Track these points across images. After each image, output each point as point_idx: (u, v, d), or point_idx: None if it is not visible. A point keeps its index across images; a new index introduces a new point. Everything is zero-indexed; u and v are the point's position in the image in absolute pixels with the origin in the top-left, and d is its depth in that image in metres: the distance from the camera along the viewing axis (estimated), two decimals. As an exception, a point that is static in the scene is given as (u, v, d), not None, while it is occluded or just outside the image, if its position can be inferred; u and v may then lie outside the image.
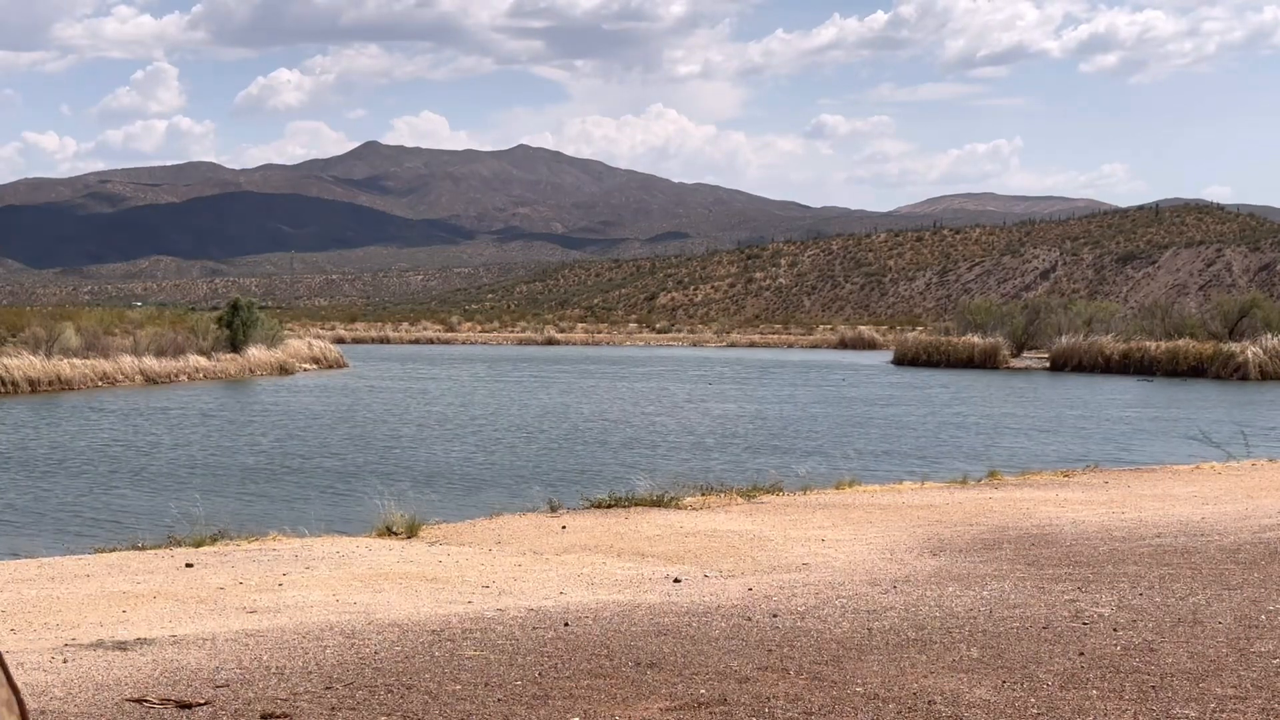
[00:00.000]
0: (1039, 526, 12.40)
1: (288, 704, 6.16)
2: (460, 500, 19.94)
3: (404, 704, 6.15)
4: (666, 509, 14.09)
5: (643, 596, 9.12)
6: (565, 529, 12.74)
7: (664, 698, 6.25)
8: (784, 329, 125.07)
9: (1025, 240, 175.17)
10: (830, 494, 15.54)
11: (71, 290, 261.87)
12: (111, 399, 41.64)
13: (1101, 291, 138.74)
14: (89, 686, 6.52)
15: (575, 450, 28.12)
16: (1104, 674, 6.60)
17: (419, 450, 28.22)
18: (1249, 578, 9.36)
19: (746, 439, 30.53)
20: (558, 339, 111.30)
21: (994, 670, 6.69)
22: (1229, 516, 12.93)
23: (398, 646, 7.33)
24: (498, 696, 6.27)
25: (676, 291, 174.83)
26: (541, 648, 7.28)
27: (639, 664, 6.88)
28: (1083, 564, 10.09)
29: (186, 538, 12.23)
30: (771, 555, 11.13)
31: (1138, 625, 7.73)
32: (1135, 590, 8.89)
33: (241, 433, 31.53)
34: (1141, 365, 58.45)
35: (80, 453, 27.37)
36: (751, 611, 8.33)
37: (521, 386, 51.31)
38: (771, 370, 64.54)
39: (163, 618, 8.60)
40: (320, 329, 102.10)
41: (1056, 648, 7.18)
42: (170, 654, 7.24)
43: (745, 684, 6.48)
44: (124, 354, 49.34)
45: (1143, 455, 26.42)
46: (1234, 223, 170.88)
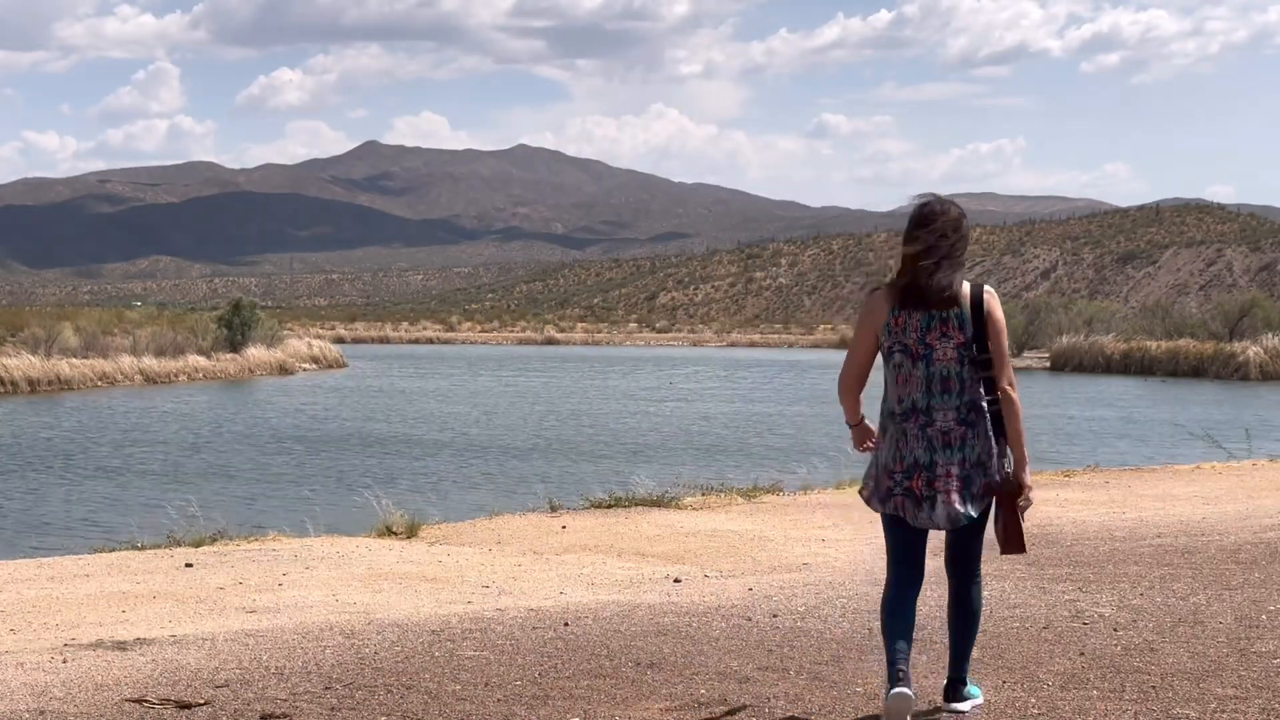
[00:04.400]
0: (1039, 526, 12.40)
1: (287, 704, 6.16)
2: (460, 500, 19.95)
3: (404, 704, 6.15)
4: (666, 509, 14.09)
5: (643, 596, 9.12)
6: (565, 529, 12.74)
7: (664, 698, 6.25)
8: (784, 329, 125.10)
9: (1025, 240, 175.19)
10: (831, 494, 15.55)
11: (71, 290, 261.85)
12: (111, 399, 41.63)
13: (1102, 291, 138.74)
14: (88, 686, 6.52)
15: (575, 450, 28.12)
16: (1104, 674, 6.60)
17: (418, 450, 28.22)
18: (1249, 578, 9.36)
19: (747, 439, 30.54)
20: (558, 339, 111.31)
21: (994, 670, 6.69)
22: (1230, 516, 12.94)
23: (397, 646, 7.34)
24: (497, 696, 6.27)
25: (676, 291, 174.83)
26: (541, 648, 7.28)
27: (639, 664, 6.88)
28: (1083, 564, 10.09)
29: (186, 538, 12.23)
30: (772, 555, 11.13)
31: (1138, 625, 7.73)
32: (1136, 590, 8.89)
33: (241, 432, 31.53)
34: (1142, 365, 58.44)
35: (79, 453, 27.36)
36: (752, 611, 8.33)
37: (521, 386, 51.33)
38: (772, 370, 64.56)
39: (162, 618, 8.60)
40: (320, 329, 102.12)
41: (1057, 648, 7.18)
42: (170, 654, 7.24)
43: (745, 684, 6.48)
44: (123, 354, 49.35)
45: (1143, 455, 26.43)
46: (1234, 223, 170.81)
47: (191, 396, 43.34)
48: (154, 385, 48.02)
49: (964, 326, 5.74)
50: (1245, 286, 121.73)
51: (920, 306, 5.74)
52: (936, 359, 5.76)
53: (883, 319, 5.81)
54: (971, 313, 5.75)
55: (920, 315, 5.75)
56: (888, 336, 5.80)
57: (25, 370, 43.79)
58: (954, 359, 5.75)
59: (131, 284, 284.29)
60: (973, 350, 5.75)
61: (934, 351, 5.76)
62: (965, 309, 5.76)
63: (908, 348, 5.77)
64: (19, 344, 46.15)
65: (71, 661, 7.09)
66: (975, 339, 5.74)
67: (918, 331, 5.77)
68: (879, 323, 5.82)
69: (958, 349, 5.75)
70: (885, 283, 5.87)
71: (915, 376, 5.78)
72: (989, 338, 5.74)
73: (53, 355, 45.92)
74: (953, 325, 5.75)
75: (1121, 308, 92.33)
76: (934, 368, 5.76)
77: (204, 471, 24.33)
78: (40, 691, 6.43)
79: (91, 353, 47.79)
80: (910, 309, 5.75)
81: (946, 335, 5.75)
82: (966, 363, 5.75)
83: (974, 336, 5.74)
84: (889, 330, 5.79)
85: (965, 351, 5.75)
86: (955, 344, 5.75)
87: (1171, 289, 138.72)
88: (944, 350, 5.76)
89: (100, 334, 50.32)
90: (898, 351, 5.79)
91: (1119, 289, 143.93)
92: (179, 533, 12.59)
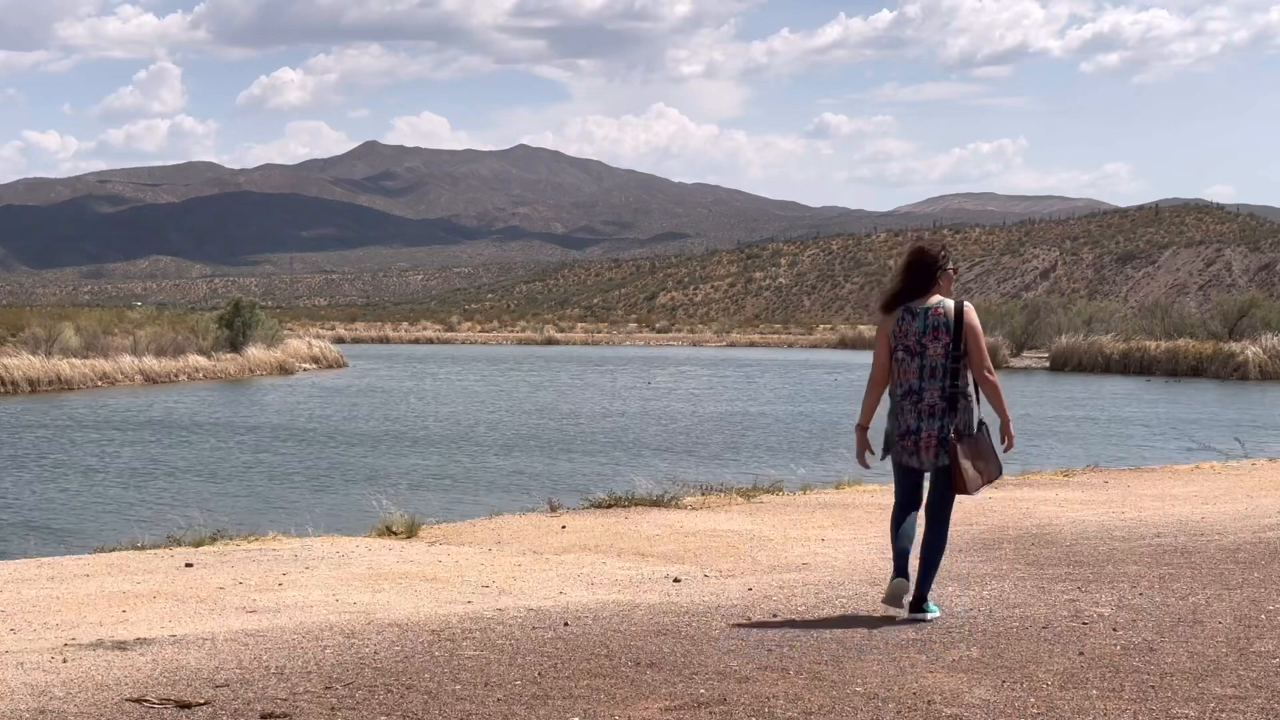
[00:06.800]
0: (1039, 526, 12.40)
1: (288, 704, 6.16)
2: (460, 500, 19.96)
3: (404, 704, 6.15)
4: (666, 509, 14.09)
5: (642, 596, 9.12)
6: (565, 529, 12.74)
7: (664, 697, 6.26)
8: (784, 329, 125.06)
9: (1025, 240, 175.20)
10: (830, 494, 15.54)
11: (71, 290, 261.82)
12: (111, 399, 41.63)
13: (1101, 291, 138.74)
14: (89, 686, 6.52)
15: (575, 449, 28.12)
16: (1104, 674, 6.61)
17: (418, 449, 28.22)
18: (1249, 577, 9.36)
19: (750, 439, 30.54)
20: (557, 339, 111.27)
21: (994, 670, 6.70)
22: (1229, 516, 12.94)
23: (397, 646, 7.34)
24: (497, 696, 6.28)
25: (676, 291, 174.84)
26: (541, 647, 7.29)
27: (639, 664, 6.89)
28: (1082, 564, 10.09)
29: (186, 537, 12.22)
30: (771, 555, 11.13)
31: (1137, 625, 7.74)
32: (1135, 590, 8.89)
33: (240, 432, 31.53)
34: (1141, 365, 58.39)
35: (78, 452, 27.37)
36: (751, 611, 8.33)
37: (520, 386, 51.33)
38: (772, 369, 64.56)
39: (162, 617, 8.60)
40: (320, 329, 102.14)
41: (1056, 647, 7.19)
42: (170, 654, 7.24)
43: (745, 684, 6.48)
44: (124, 354, 49.35)
45: (1143, 455, 26.42)
46: (1234, 222, 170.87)
47: (192, 396, 43.34)
48: (154, 385, 48.02)
49: (948, 331, 7.92)
50: (1244, 286, 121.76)
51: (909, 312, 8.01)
52: (928, 355, 7.95)
53: (890, 328, 8.05)
54: (955, 323, 7.93)
55: (917, 323, 7.95)
56: (895, 340, 8.01)
57: (25, 370, 43.79)
58: (940, 354, 7.93)
59: (132, 284, 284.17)
60: (953, 349, 7.92)
61: (927, 349, 7.96)
62: (950, 319, 7.93)
63: (908, 347, 7.98)
64: (19, 344, 46.15)
65: (71, 661, 7.10)
66: (954, 340, 7.92)
67: (916, 335, 7.96)
68: (888, 331, 8.06)
69: (944, 347, 7.92)
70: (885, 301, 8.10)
71: (911, 367, 7.97)
72: (966, 340, 7.91)
73: (53, 355, 45.92)
74: (941, 331, 7.93)
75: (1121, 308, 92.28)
76: (925, 360, 7.95)
77: (204, 471, 24.34)
78: (40, 691, 6.43)
79: (92, 353, 47.79)
80: (908, 318, 8.00)
81: (936, 338, 7.94)
82: (949, 357, 7.92)
83: (954, 338, 7.92)
84: (895, 336, 8.02)
85: (949, 349, 7.92)
86: (942, 344, 7.92)
87: (1171, 289, 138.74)
88: (934, 348, 7.94)
89: (101, 334, 50.32)
90: (901, 350, 8.00)
91: (1118, 289, 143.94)
92: (179, 532, 12.58)
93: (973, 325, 7.89)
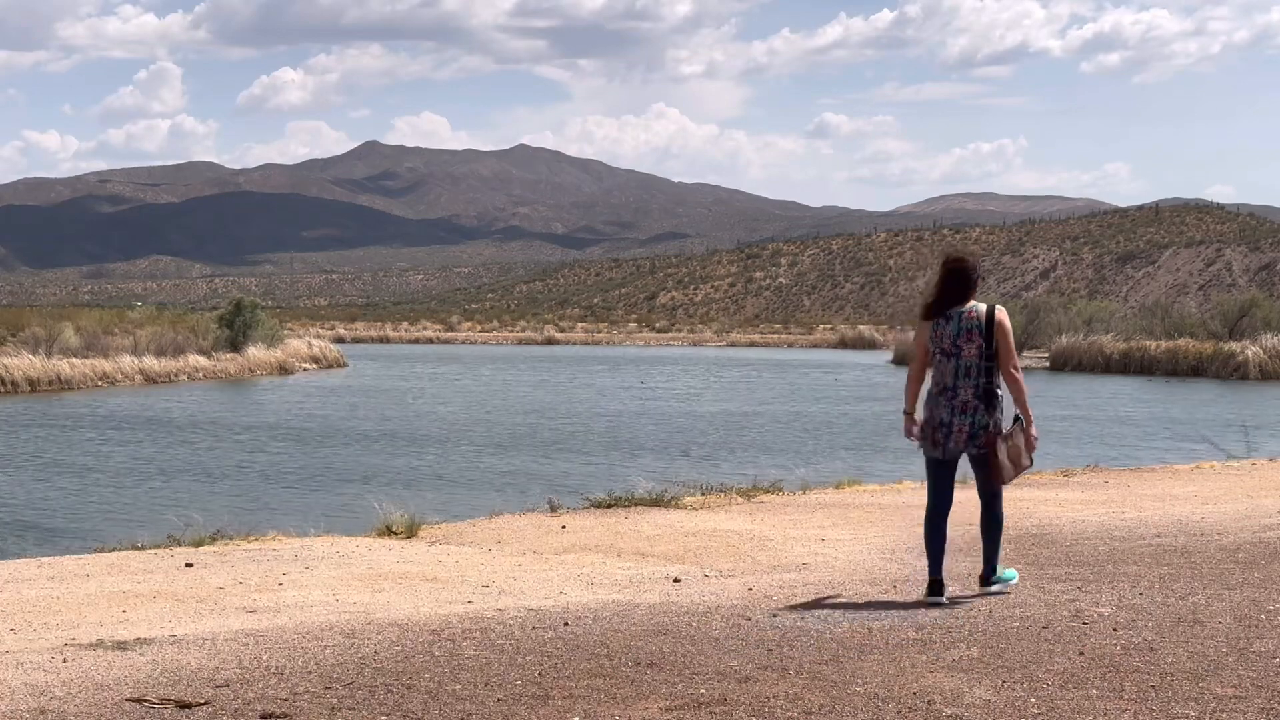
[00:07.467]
0: (1039, 526, 12.41)
1: (288, 704, 6.16)
2: (460, 500, 19.95)
3: (404, 704, 6.15)
4: (666, 509, 14.08)
5: (642, 596, 9.12)
6: (565, 529, 12.73)
7: (664, 697, 6.26)
8: (784, 329, 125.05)
9: (1025, 240, 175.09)
10: (830, 494, 15.54)
11: (71, 290, 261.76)
12: (111, 399, 41.63)
13: (1101, 291, 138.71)
14: (89, 686, 6.52)
15: (575, 449, 28.13)
16: (1104, 673, 6.61)
17: (418, 449, 28.23)
18: (1249, 577, 9.36)
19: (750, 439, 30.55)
20: (558, 339, 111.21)
21: (994, 670, 6.70)
22: (1229, 516, 12.93)
23: (398, 646, 7.34)
24: (497, 696, 6.28)
25: (676, 291, 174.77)
26: (541, 647, 7.29)
27: (639, 663, 6.89)
28: (1083, 564, 10.10)
29: (186, 537, 12.21)
30: (771, 555, 11.12)
31: (1137, 625, 7.74)
32: (1135, 590, 8.89)
33: (240, 432, 31.54)
34: (1141, 365, 58.36)
35: (77, 452, 27.37)
36: (751, 611, 8.33)
37: (520, 386, 51.34)
38: (771, 369, 64.56)
39: (163, 617, 8.60)
40: (320, 328, 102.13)
41: (1056, 647, 7.19)
42: (170, 654, 7.24)
43: (745, 683, 6.48)
44: (124, 354, 49.34)
45: (1143, 455, 26.41)
46: (1234, 222, 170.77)
47: (191, 396, 43.34)
48: (154, 385, 48.02)
49: (981, 334, 8.51)
50: (1245, 286, 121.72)
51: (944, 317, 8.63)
52: (963, 356, 8.54)
53: (927, 334, 8.68)
54: (986, 324, 8.53)
55: (952, 327, 8.55)
56: (932, 343, 8.65)
57: (26, 370, 43.78)
58: (974, 355, 8.52)
59: (132, 284, 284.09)
60: (986, 349, 8.50)
61: (961, 351, 8.55)
62: (982, 321, 8.53)
63: (945, 349, 8.60)
64: (19, 344, 46.16)
65: (71, 661, 7.09)
66: (987, 342, 8.51)
67: (951, 338, 8.58)
68: (925, 336, 8.70)
69: (978, 349, 8.51)
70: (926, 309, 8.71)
71: (948, 368, 8.58)
72: (997, 339, 8.50)
73: (53, 355, 45.92)
74: (975, 333, 8.53)
75: (1121, 307, 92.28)
76: (960, 362, 8.55)
77: (203, 471, 24.34)
78: (40, 691, 6.43)
79: (92, 353, 47.79)
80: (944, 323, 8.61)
81: (970, 340, 8.54)
82: (982, 357, 8.50)
83: (986, 340, 8.51)
84: (933, 339, 8.64)
85: (982, 350, 8.51)
86: (976, 346, 8.52)
87: (1171, 289, 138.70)
88: (968, 350, 8.54)
89: (101, 334, 50.33)
90: (938, 352, 8.63)
91: (1118, 289, 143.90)
92: (179, 532, 12.57)
93: (1004, 326, 8.50)
